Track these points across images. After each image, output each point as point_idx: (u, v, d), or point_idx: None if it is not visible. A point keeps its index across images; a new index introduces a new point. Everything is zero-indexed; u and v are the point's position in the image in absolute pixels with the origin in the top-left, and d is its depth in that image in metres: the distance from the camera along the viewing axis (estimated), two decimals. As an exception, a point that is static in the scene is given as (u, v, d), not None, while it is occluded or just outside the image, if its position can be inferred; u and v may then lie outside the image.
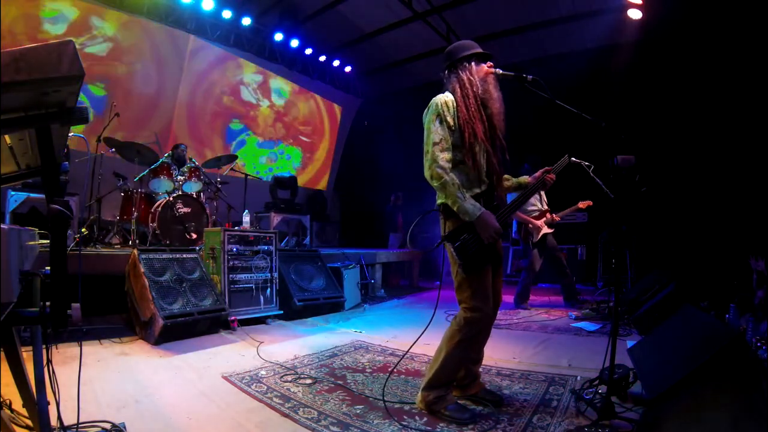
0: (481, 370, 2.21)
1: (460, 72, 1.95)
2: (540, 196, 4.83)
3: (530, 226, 4.71)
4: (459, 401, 2.01)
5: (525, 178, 2.22)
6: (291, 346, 3.19)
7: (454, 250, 1.85)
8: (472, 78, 1.92)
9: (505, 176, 2.12)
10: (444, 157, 1.83)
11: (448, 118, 1.88)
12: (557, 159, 2.26)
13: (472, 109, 1.88)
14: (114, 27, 6.12)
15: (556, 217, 4.75)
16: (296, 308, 4.11)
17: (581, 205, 4.68)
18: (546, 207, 4.80)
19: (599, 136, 1.91)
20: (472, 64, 1.95)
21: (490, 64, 1.98)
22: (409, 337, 3.41)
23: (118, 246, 4.58)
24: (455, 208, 1.83)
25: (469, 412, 1.90)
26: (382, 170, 8.80)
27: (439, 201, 1.96)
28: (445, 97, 1.92)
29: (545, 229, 4.71)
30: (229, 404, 2.03)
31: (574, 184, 4.70)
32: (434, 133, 1.86)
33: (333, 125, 10.03)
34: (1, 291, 0.91)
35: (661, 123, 5.76)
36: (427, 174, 1.88)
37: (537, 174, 2.17)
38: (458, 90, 1.92)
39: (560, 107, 1.96)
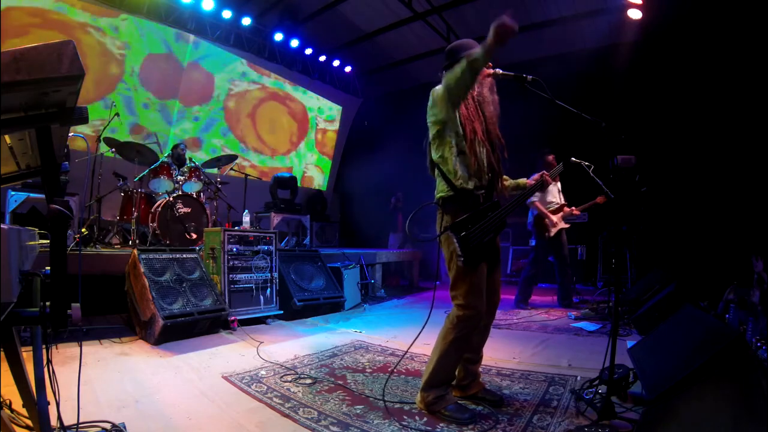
0: (480, 370, 2.21)
1: None
2: (558, 190, 4.82)
3: (546, 220, 4.69)
4: (459, 401, 2.01)
5: (523, 180, 2.23)
6: (291, 346, 3.19)
7: (458, 242, 1.84)
8: None
9: (503, 177, 2.13)
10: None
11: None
12: (558, 159, 2.27)
13: (471, 109, 1.91)
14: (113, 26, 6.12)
15: (576, 211, 4.73)
16: (296, 308, 4.11)
17: (599, 200, 4.65)
18: (564, 201, 4.79)
19: (599, 136, 1.91)
20: None
21: (489, 65, 1.98)
22: (409, 337, 3.40)
23: (118, 246, 4.58)
24: (480, 61, 1.73)
25: (469, 412, 1.90)
26: (382, 170, 8.79)
27: (437, 195, 1.98)
28: None
29: (561, 224, 4.70)
30: (229, 404, 2.03)
31: (575, 183, 4.71)
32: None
33: (333, 125, 10.03)
34: (1, 291, 0.91)
35: (661, 123, 5.76)
36: (444, 91, 1.87)
37: (536, 176, 2.19)
38: None
39: (560, 107, 1.97)
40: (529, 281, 4.87)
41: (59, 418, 1.38)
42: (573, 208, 4.74)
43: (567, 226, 4.76)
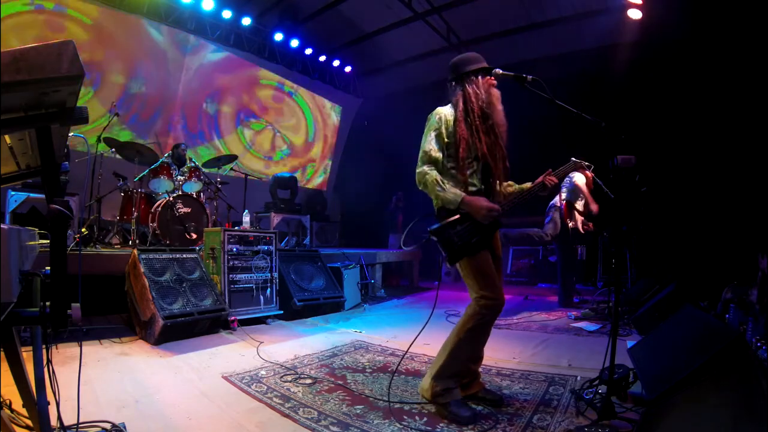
0: (481, 370, 2.21)
1: (467, 85, 2.01)
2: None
3: (572, 220, 4.67)
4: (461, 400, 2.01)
5: (527, 185, 2.23)
6: (291, 346, 3.19)
7: (439, 243, 1.93)
8: (478, 92, 1.99)
9: (508, 183, 2.16)
10: (429, 165, 1.96)
11: (444, 134, 1.97)
12: (557, 159, 2.27)
13: (476, 122, 1.95)
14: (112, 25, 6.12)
15: (590, 227, 4.74)
16: (296, 308, 4.11)
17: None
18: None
19: (599, 136, 1.91)
20: (479, 77, 2.02)
21: (493, 78, 2.04)
22: (409, 337, 3.39)
23: (118, 246, 4.58)
24: (440, 202, 1.96)
25: (471, 410, 1.90)
26: (382, 170, 8.79)
27: (434, 204, 2.05)
28: (445, 112, 2.01)
29: (579, 226, 4.72)
30: (229, 404, 2.03)
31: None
32: (427, 142, 1.98)
33: (333, 125, 10.03)
34: (1, 291, 0.91)
35: (661, 123, 5.76)
36: (417, 180, 1.99)
37: (539, 179, 2.19)
38: (461, 104, 1.99)
39: (560, 107, 1.97)
40: (570, 278, 4.82)
41: (59, 418, 1.38)
42: (590, 224, 4.72)
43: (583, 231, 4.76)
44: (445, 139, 1.97)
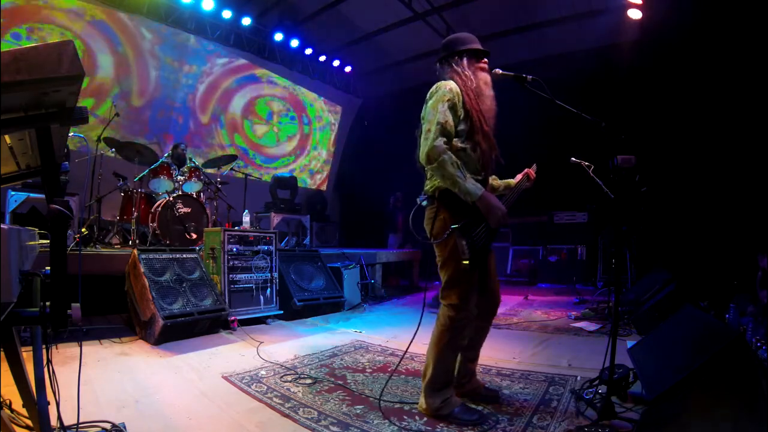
0: (481, 370, 2.21)
1: (453, 65, 1.93)
2: None
3: None
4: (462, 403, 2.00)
5: (511, 181, 2.24)
6: (291, 346, 3.19)
7: (467, 244, 1.77)
8: (466, 72, 1.90)
9: (492, 176, 2.11)
10: (444, 139, 1.75)
11: (458, 106, 1.82)
12: (557, 159, 2.29)
13: (473, 101, 1.87)
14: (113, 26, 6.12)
15: None
16: (296, 308, 4.11)
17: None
18: None
19: (599, 136, 1.91)
20: (464, 59, 1.93)
21: (485, 61, 1.97)
22: (408, 337, 3.39)
23: (118, 246, 4.58)
24: (456, 189, 1.74)
25: (476, 413, 1.89)
26: (381, 170, 8.78)
27: (432, 187, 1.87)
28: (453, 84, 1.85)
29: None
30: (229, 404, 2.03)
31: (575, 183, 4.70)
32: (441, 113, 1.76)
33: (333, 125, 10.03)
34: (1, 291, 0.91)
35: (661, 123, 5.76)
36: (423, 153, 1.76)
37: (519, 176, 2.21)
38: (459, 80, 1.88)
39: (560, 107, 1.96)
40: None
41: (59, 418, 1.38)
42: None
43: None
44: (460, 112, 1.80)
